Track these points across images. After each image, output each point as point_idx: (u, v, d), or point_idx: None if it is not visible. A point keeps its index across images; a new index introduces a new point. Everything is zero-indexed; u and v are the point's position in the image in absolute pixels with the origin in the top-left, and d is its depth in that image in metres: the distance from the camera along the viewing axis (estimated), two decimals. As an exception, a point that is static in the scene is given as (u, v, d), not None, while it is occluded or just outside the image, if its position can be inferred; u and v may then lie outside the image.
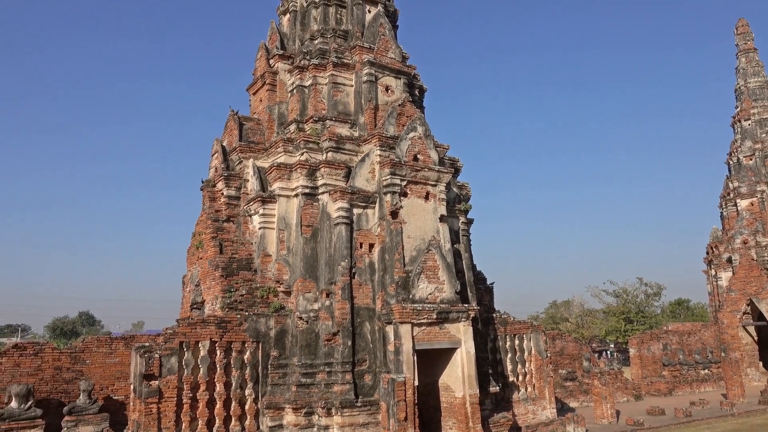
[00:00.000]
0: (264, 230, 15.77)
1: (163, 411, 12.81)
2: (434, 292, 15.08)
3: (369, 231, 15.57)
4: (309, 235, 15.34)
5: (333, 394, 13.87)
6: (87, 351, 16.66)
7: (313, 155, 15.99)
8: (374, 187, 15.84)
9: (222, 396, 13.66)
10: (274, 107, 17.65)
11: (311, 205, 15.54)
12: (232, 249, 15.70)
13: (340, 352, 14.26)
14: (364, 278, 15.20)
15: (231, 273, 15.18)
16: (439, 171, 16.26)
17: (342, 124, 16.66)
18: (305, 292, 14.90)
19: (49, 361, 16.11)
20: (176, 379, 13.07)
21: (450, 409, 15.13)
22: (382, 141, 15.98)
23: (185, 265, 17.74)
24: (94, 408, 15.00)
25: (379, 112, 16.96)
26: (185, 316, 16.34)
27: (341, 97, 17.04)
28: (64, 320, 68.21)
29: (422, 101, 19.31)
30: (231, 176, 16.81)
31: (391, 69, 17.51)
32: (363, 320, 14.90)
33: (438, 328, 14.85)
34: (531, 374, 18.15)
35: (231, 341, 13.97)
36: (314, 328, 14.66)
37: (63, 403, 15.79)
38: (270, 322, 14.58)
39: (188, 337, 13.41)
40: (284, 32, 19.00)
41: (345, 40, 18.01)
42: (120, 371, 16.91)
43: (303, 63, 17.21)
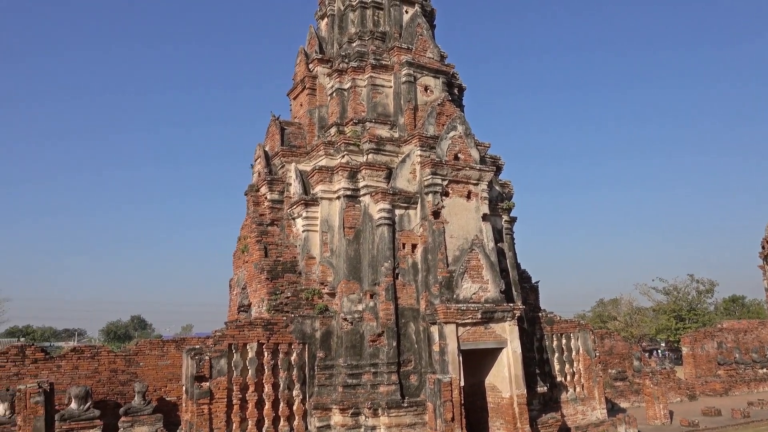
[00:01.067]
0: (307, 233, 15.96)
1: (214, 412, 13.10)
2: (478, 292, 14.96)
3: (411, 231, 15.57)
4: (352, 237, 15.44)
5: (379, 394, 13.92)
6: (140, 354, 17.19)
7: (353, 157, 16.09)
8: (415, 187, 15.83)
9: (270, 397, 13.88)
10: (314, 111, 17.84)
11: (353, 206, 15.64)
12: (277, 252, 15.95)
13: (385, 353, 14.30)
14: (408, 279, 15.21)
15: (276, 276, 15.42)
16: (481, 169, 16.14)
17: (382, 125, 16.72)
18: (349, 293, 15.01)
19: (105, 364, 16.69)
20: (226, 381, 13.35)
21: (497, 410, 14.99)
22: (422, 141, 15.96)
23: (231, 268, 18.12)
24: (148, 409, 15.46)
25: (418, 113, 16.95)
26: (233, 318, 16.68)
27: (380, 98, 17.10)
28: (117, 324, 70.54)
29: (461, 100, 19.20)
30: (274, 180, 17.08)
31: (430, 69, 17.47)
32: (407, 321, 14.91)
33: (483, 327, 14.73)
34: (579, 374, 17.81)
35: (278, 343, 14.18)
36: (359, 329, 14.75)
37: (119, 404, 16.33)
38: (315, 323, 14.74)
39: (236, 339, 13.68)
40: (322, 36, 19.19)
41: (383, 42, 18.07)
42: (172, 373, 17.38)
43: (342, 66, 17.34)
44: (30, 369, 15.79)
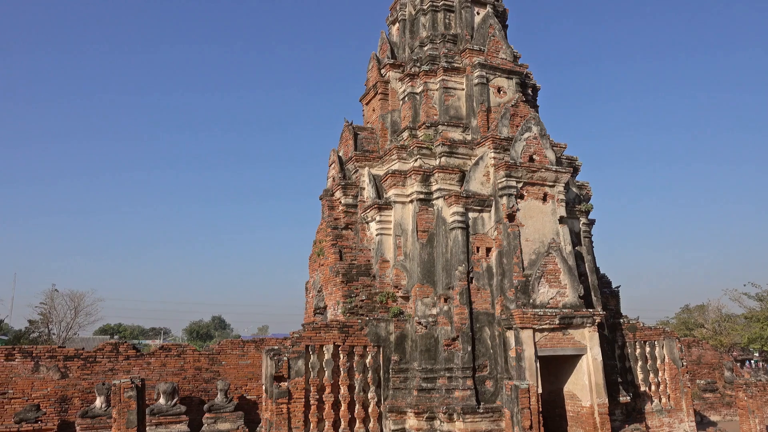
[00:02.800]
0: (381, 236, 16.11)
1: (293, 411, 13.45)
2: (556, 297, 14.59)
3: (485, 235, 15.39)
4: (425, 241, 15.44)
5: (454, 399, 13.82)
6: (222, 353, 17.89)
7: (426, 161, 16.10)
8: (489, 190, 15.64)
9: (346, 399, 14.09)
10: (386, 116, 17.99)
11: (426, 210, 15.65)
12: (351, 255, 16.19)
13: (460, 358, 14.20)
14: (482, 283, 15.04)
15: (351, 279, 15.65)
16: (557, 171, 15.74)
17: (454, 128, 16.64)
18: (423, 297, 15.01)
19: (191, 362, 17.49)
20: (303, 381, 13.68)
21: (577, 419, 14.53)
22: (496, 143, 15.75)
23: (307, 271, 18.54)
24: (230, 406, 16.07)
25: (491, 114, 16.75)
26: (309, 320, 17.07)
27: (452, 101, 17.02)
28: (199, 324, 73.76)
29: (536, 100, 18.81)
30: (348, 185, 17.36)
31: (503, 70, 17.23)
32: (482, 325, 14.74)
33: (561, 333, 14.34)
34: (665, 384, 16.97)
35: (353, 345, 14.38)
36: (433, 333, 14.72)
37: (203, 400, 17.06)
38: (390, 326, 14.83)
39: (313, 341, 13.98)
40: (394, 41, 19.33)
41: (454, 45, 17.98)
42: (252, 372, 17.98)
43: (413, 70, 17.40)
44: (123, 365, 16.79)
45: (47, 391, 15.90)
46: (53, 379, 16.01)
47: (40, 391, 15.84)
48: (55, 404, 15.84)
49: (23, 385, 15.73)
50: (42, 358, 16.06)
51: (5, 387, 15.58)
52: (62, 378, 16.10)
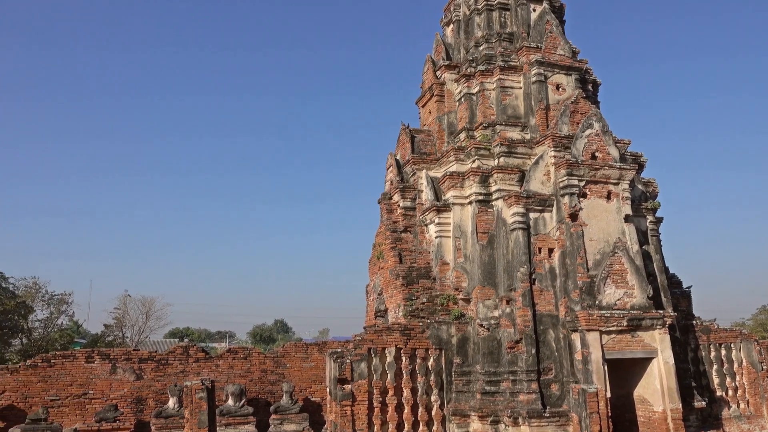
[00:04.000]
0: (440, 239, 16.07)
1: (357, 413, 13.58)
2: (623, 298, 14.14)
3: (547, 235, 15.10)
4: (485, 242, 15.29)
5: (519, 403, 13.61)
6: (287, 356, 18.27)
7: (484, 162, 15.95)
8: (550, 189, 15.34)
9: (409, 401, 14.11)
10: (443, 117, 17.95)
11: (486, 211, 15.50)
12: (411, 258, 16.22)
13: (524, 360, 13.97)
14: (545, 284, 14.76)
15: (411, 282, 15.68)
16: (621, 168, 15.27)
17: (512, 127, 16.42)
18: (484, 299, 14.87)
19: (256, 364, 17.95)
20: (366, 384, 13.79)
21: (648, 424, 14.02)
22: (556, 141, 15.44)
23: (367, 275, 18.71)
24: (295, 408, 16.40)
25: (550, 112, 16.43)
26: (370, 323, 17.20)
27: (510, 100, 16.80)
28: (262, 327, 75.55)
29: (597, 96, 18.32)
30: (406, 188, 17.41)
31: (561, 66, 16.87)
32: (546, 327, 14.46)
33: (630, 336, 13.89)
34: (743, 389, 16.15)
35: (415, 348, 14.40)
36: (495, 335, 14.55)
37: (269, 402, 17.47)
38: (451, 329, 14.77)
39: (375, 343, 14.09)
40: (449, 43, 19.27)
41: (510, 43, 17.75)
42: (315, 375, 18.27)
43: (469, 71, 17.29)
44: (193, 367, 17.42)
45: (124, 392, 16.69)
46: (129, 381, 16.79)
47: (117, 391, 16.64)
48: (132, 404, 16.60)
49: (102, 386, 16.57)
50: (118, 360, 16.87)
51: (86, 388, 16.46)
52: (137, 379, 16.86)
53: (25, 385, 16.04)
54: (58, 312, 41.88)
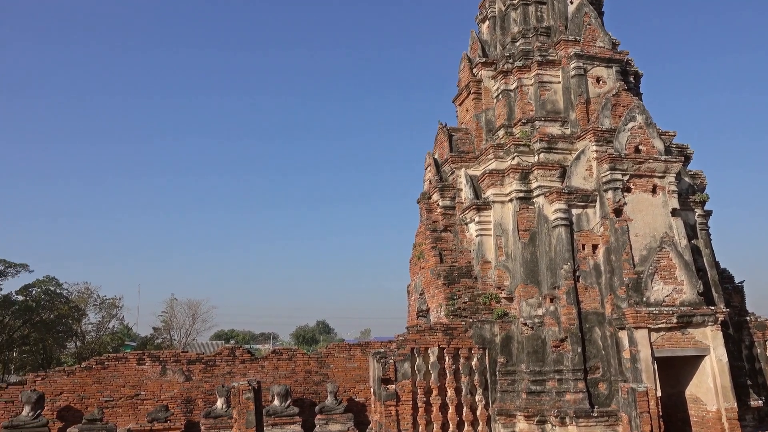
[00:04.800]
0: (481, 237, 15.95)
1: (401, 413, 13.61)
2: (672, 294, 13.76)
3: (591, 231, 14.82)
4: (527, 240, 15.11)
5: (565, 402, 13.39)
6: (330, 356, 18.44)
7: (524, 158, 15.77)
8: (593, 184, 15.06)
9: (453, 401, 14.06)
10: (480, 115, 17.81)
11: (527, 208, 15.31)
12: (452, 257, 16.16)
13: (570, 359, 13.74)
14: (590, 281, 14.49)
15: (452, 281, 15.61)
16: (666, 161, 14.87)
17: (552, 123, 16.18)
18: (527, 297, 14.69)
19: (301, 365, 18.17)
20: (410, 384, 13.81)
21: (702, 424, 13.60)
22: (598, 135, 15.14)
23: (408, 275, 18.72)
24: (340, 408, 16.54)
25: (591, 106, 16.12)
26: (412, 323, 17.21)
27: (549, 95, 16.56)
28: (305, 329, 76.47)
29: (639, 88, 17.88)
30: (445, 187, 17.35)
31: (601, 58, 16.53)
32: (592, 325, 14.19)
33: (680, 333, 13.50)
34: (803, 386, 15.48)
35: (458, 348, 14.34)
36: (540, 334, 14.36)
37: (314, 402, 17.66)
38: (494, 328, 14.65)
39: (418, 343, 14.09)
40: (484, 40, 19.11)
41: (548, 37, 17.48)
42: (359, 375, 18.37)
43: (506, 67, 17.11)
44: (239, 368, 17.75)
45: (174, 393, 17.12)
46: (178, 382, 17.22)
47: (167, 392, 17.09)
48: (181, 405, 17.02)
49: (153, 387, 17.05)
50: (168, 362, 17.33)
51: (138, 389, 16.96)
52: (186, 381, 17.28)
53: (81, 387, 16.64)
54: (109, 316, 43.33)
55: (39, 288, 35.83)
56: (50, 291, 36.44)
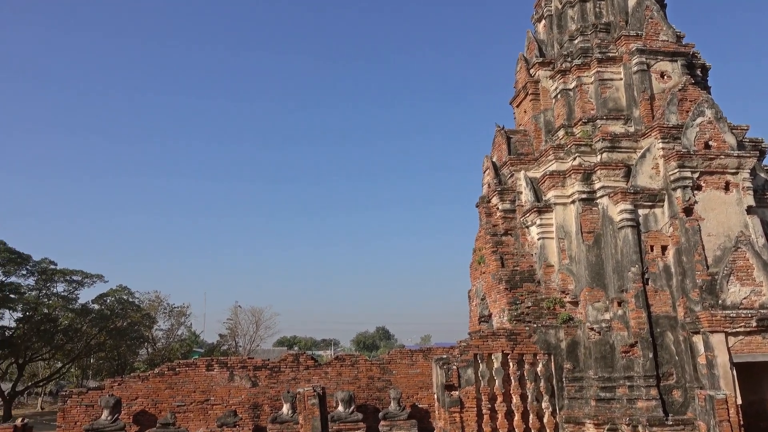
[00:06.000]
0: (543, 240, 15.64)
1: (466, 420, 13.48)
2: (750, 296, 13.06)
3: (659, 232, 14.28)
4: (591, 242, 14.71)
5: (637, 410, 12.91)
6: (393, 362, 18.44)
7: (586, 158, 15.37)
8: (660, 183, 14.51)
9: (519, 408, 13.80)
10: (539, 116, 17.50)
11: (590, 210, 14.91)
12: (513, 262, 15.91)
13: (641, 365, 13.25)
14: (660, 284, 13.94)
15: (514, 285, 15.37)
16: (739, 156, 14.17)
17: (614, 121, 15.71)
18: (594, 301, 14.28)
19: (363, 371, 18.26)
20: (474, 390, 13.66)
21: (788, 434, 12.82)
22: (664, 132, 14.60)
23: (468, 280, 18.55)
24: (403, 414, 16.50)
25: (655, 102, 15.56)
26: (474, 329, 17.03)
27: (610, 93, 16.09)
28: (365, 335, 76.99)
29: (706, 81, 17.12)
30: (504, 190, 17.11)
31: (665, 53, 15.94)
32: (663, 330, 13.64)
33: (760, 337, 12.79)
34: None
35: (522, 353, 14.08)
36: (608, 339, 13.92)
37: (377, 408, 17.70)
38: (560, 333, 14.31)
39: (481, 349, 13.93)
40: (541, 39, 18.78)
41: (607, 34, 17.01)
42: (421, 381, 18.29)
43: (564, 66, 16.76)
44: (303, 374, 18.02)
45: (241, 398, 17.56)
46: (246, 387, 17.65)
47: (235, 398, 17.54)
48: (249, 410, 17.43)
49: (221, 392, 17.54)
50: (235, 368, 17.79)
51: (207, 394, 17.49)
52: (253, 386, 17.69)
53: (154, 392, 17.31)
54: (177, 323, 44.98)
55: (113, 297, 37.60)
56: (123, 300, 38.18)
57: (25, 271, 33.36)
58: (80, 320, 35.30)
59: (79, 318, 35.18)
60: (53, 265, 34.67)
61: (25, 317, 33.20)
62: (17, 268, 32.63)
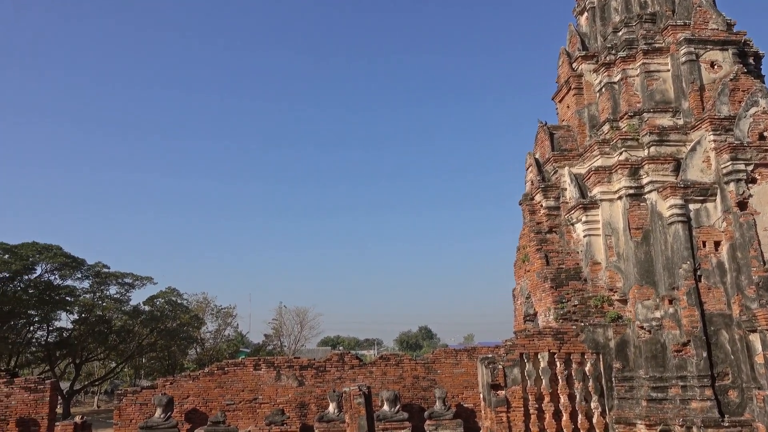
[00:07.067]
0: (589, 237, 15.34)
1: (512, 420, 13.35)
2: (811, 293, 12.51)
3: (712, 227, 13.83)
4: (639, 239, 14.35)
5: (691, 411, 12.54)
6: (437, 362, 18.41)
7: (632, 153, 15.00)
8: (711, 177, 14.06)
9: (567, 408, 13.58)
10: (582, 111, 17.17)
11: (638, 206, 14.55)
12: (558, 259, 15.66)
13: (694, 365, 12.86)
14: (713, 281, 13.50)
15: (560, 284, 15.13)
16: (797, 147, 13.58)
17: (662, 114, 15.28)
18: (643, 299, 13.93)
19: (408, 371, 18.30)
20: (521, 390, 13.52)
21: None
22: (715, 124, 14.13)
23: (512, 278, 18.35)
24: (449, 414, 16.46)
25: (705, 93, 15.06)
26: (519, 328, 16.85)
27: (657, 85, 15.66)
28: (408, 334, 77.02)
29: (760, 70, 16.46)
30: (548, 187, 16.86)
31: (714, 42, 15.41)
32: (717, 328, 13.21)
33: (823, 335, 12.23)
34: None
35: (569, 352, 13.86)
36: (659, 338, 13.56)
37: (422, 408, 17.71)
38: (608, 332, 14.02)
39: (527, 348, 13.77)
40: (583, 32, 18.42)
41: (653, 24, 16.56)
42: (466, 380, 18.20)
43: (608, 58, 16.39)
44: (348, 374, 18.17)
45: (288, 397, 17.84)
46: (292, 387, 17.93)
47: (282, 397, 17.83)
48: (296, 409, 17.69)
49: (269, 391, 17.86)
50: (282, 367, 18.09)
51: (255, 393, 17.83)
52: (299, 386, 17.95)
53: (205, 391, 17.76)
54: (224, 324, 45.98)
55: (163, 299, 38.74)
56: (172, 301, 39.29)
57: (80, 275, 34.73)
58: (132, 321, 36.50)
59: (131, 319, 36.39)
60: (106, 269, 35.98)
61: (80, 319, 34.54)
62: (72, 272, 34.00)
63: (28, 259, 31.19)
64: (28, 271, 31.71)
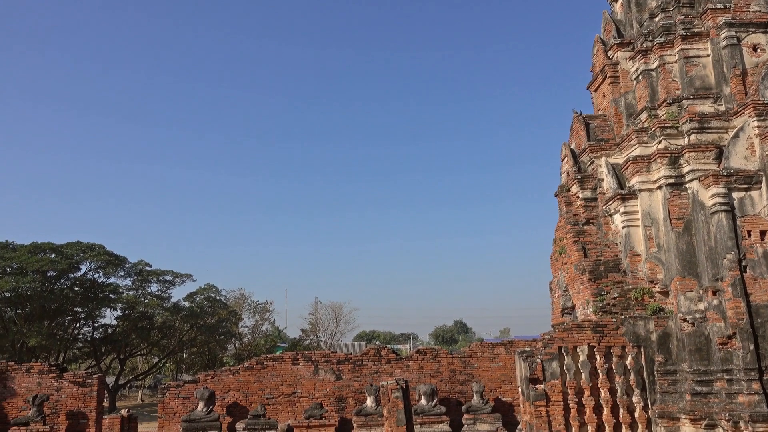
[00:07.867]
0: (628, 229, 15.05)
1: (552, 414, 13.23)
2: None
3: (757, 216, 13.41)
4: (681, 229, 14.02)
5: (738, 405, 12.22)
6: (474, 356, 18.40)
7: (672, 141, 14.64)
8: (756, 164, 13.63)
9: (608, 402, 13.39)
10: (619, 99, 16.82)
11: (678, 195, 14.21)
12: (596, 251, 15.42)
13: (741, 358, 12.52)
14: (759, 271, 13.10)
15: (599, 276, 14.90)
16: None
17: (702, 100, 14.86)
18: (685, 291, 13.62)
19: (445, 365, 18.33)
20: (560, 384, 13.38)
21: None
22: (759, 109, 13.67)
23: (550, 271, 18.14)
24: (487, 408, 16.45)
25: (748, 78, 14.58)
26: (557, 321, 16.65)
27: (696, 71, 15.22)
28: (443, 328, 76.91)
29: (806, 51, 15.84)
30: (584, 178, 16.59)
31: (757, 24, 14.90)
32: (765, 320, 12.83)
33: None
34: None
35: (609, 346, 13.65)
36: (702, 330, 13.24)
37: (459, 402, 17.74)
38: (649, 325, 13.76)
39: (565, 341, 13.62)
40: (618, 19, 18.01)
41: (691, 8, 16.08)
42: (504, 374, 18.14)
43: (645, 45, 16.00)
44: (385, 368, 18.30)
45: (326, 391, 18.08)
46: (330, 381, 18.15)
47: (320, 391, 18.08)
48: (334, 403, 17.92)
49: (307, 385, 18.13)
50: (320, 362, 18.33)
51: (294, 387, 18.13)
52: (337, 380, 18.16)
53: (245, 385, 18.12)
54: (261, 319, 46.71)
55: (202, 295, 39.59)
56: (211, 297, 40.12)
57: (123, 273, 35.75)
58: (173, 318, 37.42)
59: (172, 315, 37.30)
60: (148, 266, 36.93)
61: (124, 315, 35.58)
62: (115, 270, 35.03)
63: (74, 258, 32.26)
64: (74, 269, 32.81)
